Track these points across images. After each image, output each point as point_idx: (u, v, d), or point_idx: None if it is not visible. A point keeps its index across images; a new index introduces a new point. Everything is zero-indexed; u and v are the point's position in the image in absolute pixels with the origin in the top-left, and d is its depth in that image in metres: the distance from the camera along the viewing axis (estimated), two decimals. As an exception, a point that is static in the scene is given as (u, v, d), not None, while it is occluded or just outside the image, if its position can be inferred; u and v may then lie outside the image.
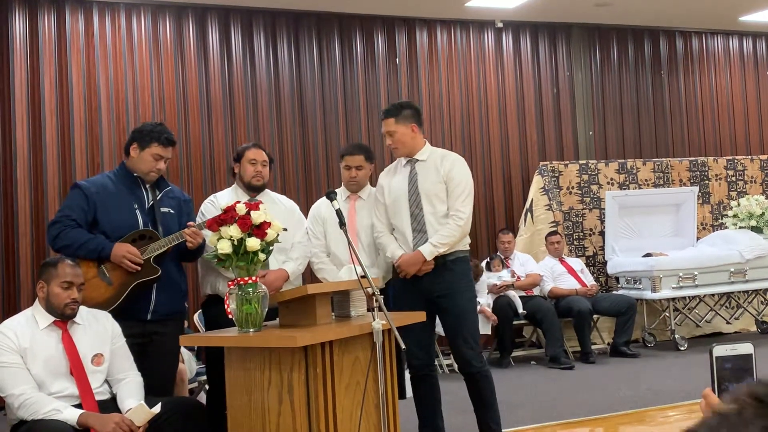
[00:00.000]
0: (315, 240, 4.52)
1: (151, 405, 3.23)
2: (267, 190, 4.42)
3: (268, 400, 3.01)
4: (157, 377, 3.64)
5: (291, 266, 4.17)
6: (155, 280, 3.76)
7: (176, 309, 4.01)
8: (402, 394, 4.22)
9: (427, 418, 4.17)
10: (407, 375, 4.43)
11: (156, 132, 3.93)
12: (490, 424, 4.03)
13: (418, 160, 4.17)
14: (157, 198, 3.94)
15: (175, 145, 4.02)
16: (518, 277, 7.32)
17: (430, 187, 4.09)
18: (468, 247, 4.18)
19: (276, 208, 4.27)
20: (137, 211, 3.85)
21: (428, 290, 4.05)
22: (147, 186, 3.94)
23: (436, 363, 4.43)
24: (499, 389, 4.13)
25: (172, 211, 3.98)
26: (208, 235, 3.83)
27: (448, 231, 4.01)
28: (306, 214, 4.66)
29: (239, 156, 4.37)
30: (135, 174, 3.92)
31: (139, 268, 3.69)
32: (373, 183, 4.64)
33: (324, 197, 4.68)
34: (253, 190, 4.29)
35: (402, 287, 4.19)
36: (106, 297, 3.68)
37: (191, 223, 3.85)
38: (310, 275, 6.56)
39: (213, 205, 4.24)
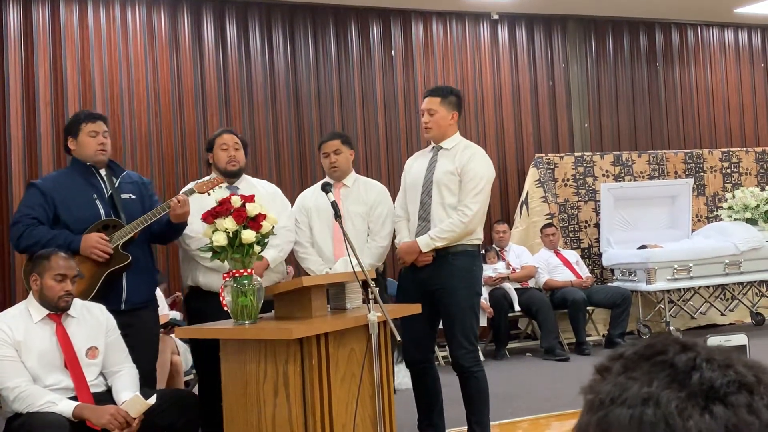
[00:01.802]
0: (299, 230, 4.44)
1: (146, 397, 3.23)
2: (246, 176, 4.37)
3: (263, 392, 3.02)
4: (140, 369, 3.61)
5: (271, 253, 4.06)
6: (126, 267, 3.72)
7: (149, 297, 3.97)
8: None
9: (425, 412, 4.13)
10: (404, 369, 4.42)
11: (78, 116, 3.98)
12: (473, 425, 3.99)
13: (442, 148, 4.10)
14: (116, 186, 3.89)
15: (103, 118, 3.98)
16: (513, 269, 7.33)
17: (442, 177, 4.01)
18: (475, 242, 4.07)
19: (256, 193, 4.24)
20: (97, 201, 3.80)
21: (427, 283, 3.98)
22: (103, 175, 3.89)
23: (433, 356, 4.39)
24: (494, 381, 4.13)
25: (133, 197, 3.93)
26: (194, 227, 3.85)
27: (449, 225, 3.93)
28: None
29: (210, 145, 4.33)
30: (87, 163, 3.87)
31: (109, 257, 3.65)
32: (373, 172, 4.61)
33: (310, 188, 4.67)
34: (230, 176, 4.23)
35: (405, 278, 4.15)
36: (80, 291, 3.63)
37: (180, 195, 3.83)
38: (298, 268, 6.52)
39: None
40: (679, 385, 0.75)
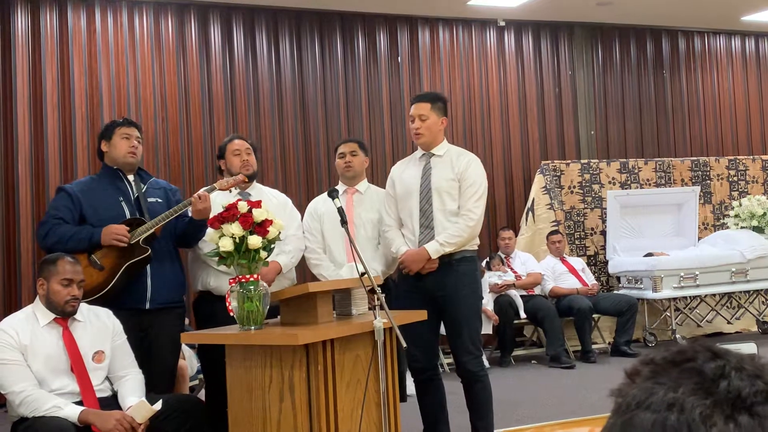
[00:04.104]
0: (311, 237, 4.48)
1: (152, 402, 3.23)
2: (257, 184, 4.41)
3: (269, 398, 3.01)
4: (158, 370, 3.62)
5: (284, 259, 4.13)
6: (146, 260, 3.77)
7: (174, 298, 4.00)
8: (401, 397, 4.17)
9: (430, 422, 4.09)
10: (408, 377, 4.39)
11: (113, 122, 4.17)
12: (479, 430, 3.97)
13: (434, 155, 4.08)
14: (143, 190, 3.99)
15: (138, 126, 4.13)
16: (519, 276, 7.31)
17: (442, 184, 3.99)
18: (475, 247, 4.08)
19: (267, 201, 4.26)
20: (123, 203, 3.91)
21: (431, 289, 3.96)
22: (130, 179, 4.01)
23: (439, 364, 4.37)
24: (499, 388, 4.11)
25: (160, 200, 4.03)
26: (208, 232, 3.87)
27: (457, 230, 3.91)
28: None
29: (222, 151, 4.38)
30: (116, 168, 3.99)
31: (128, 243, 3.72)
32: (378, 177, 4.62)
33: (322, 195, 4.67)
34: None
35: (405, 285, 4.11)
36: (98, 281, 3.70)
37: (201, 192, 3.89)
38: (304, 273, 6.55)
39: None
40: (706, 393, 0.74)
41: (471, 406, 4.00)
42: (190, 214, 3.91)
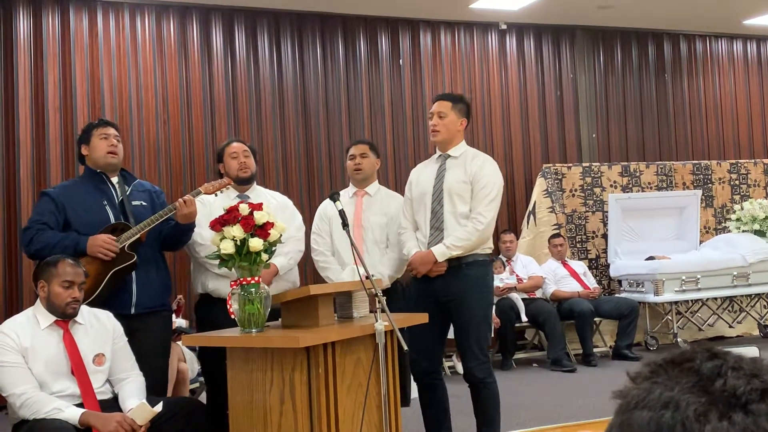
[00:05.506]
0: (320, 239, 4.45)
1: (152, 404, 3.23)
2: (257, 186, 4.39)
3: (270, 400, 3.01)
4: (147, 374, 3.61)
5: (280, 260, 4.09)
6: (131, 266, 3.74)
7: (160, 302, 3.98)
8: (405, 401, 4.16)
9: (432, 426, 4.07)
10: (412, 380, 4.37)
11: (89, 124, 4.12)
12: None
13: (450, 156, 4.04)
14: (127, 193, 3.95)
15: (114, 125, 4.08)
16: (520, 279, 7.31)
17: (453, 185, 3.95)
18: (488, 251, 4.01)
19: (267, 203, 4.24)
20: (107, 207, 3.86)
21: (440, 293, 3.91)
22: (114, 182, 3.96)
23: (441, 368, 4.34)
24: (501, 391, 4.09)
25: (144, 204, 3.99)
26: (204, 235, 3.86)
27: (465, 234, 3.85)
28: (309, 215, 4.64)
29: (220, 155, 4.36)
30: (99, 171, 3.95)
31: (115, 256, 3.68)
32: (381, 180, 4.59)
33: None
34: (242, 183, 4.24)
35: (415, 288, 4.07)
36: (84, 289, 3.67)
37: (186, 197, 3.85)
38: (305, 273, 6.55)
39: (201, 203, 4.12)
40: (701, 391, 0.76)
41: (477, 412, 3.97)
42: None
